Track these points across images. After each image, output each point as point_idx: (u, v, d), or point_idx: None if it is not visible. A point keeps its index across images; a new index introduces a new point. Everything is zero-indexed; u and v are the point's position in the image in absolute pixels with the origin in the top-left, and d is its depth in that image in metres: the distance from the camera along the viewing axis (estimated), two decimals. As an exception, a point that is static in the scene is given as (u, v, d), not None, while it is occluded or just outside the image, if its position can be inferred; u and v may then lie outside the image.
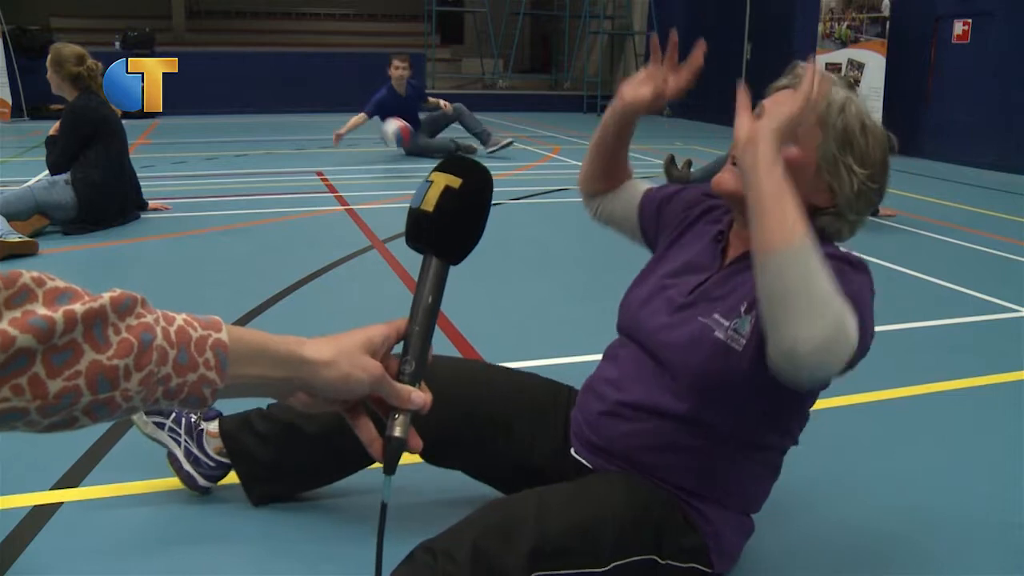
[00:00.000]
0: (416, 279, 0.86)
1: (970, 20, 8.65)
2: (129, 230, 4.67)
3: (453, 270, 0.86)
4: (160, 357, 0.67)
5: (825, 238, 1.36)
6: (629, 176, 1.73)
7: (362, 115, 7.60)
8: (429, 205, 0.84)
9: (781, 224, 1.17)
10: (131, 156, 5.03)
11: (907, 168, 8.16)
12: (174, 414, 1.85)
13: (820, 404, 2.47)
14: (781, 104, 1.25)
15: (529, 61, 18.58)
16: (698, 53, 1.43)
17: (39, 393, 0.61)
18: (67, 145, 4.51)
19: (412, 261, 3.68)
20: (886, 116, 8.90)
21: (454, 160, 0.88)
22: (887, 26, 9.05)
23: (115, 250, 4.30)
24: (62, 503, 1.84)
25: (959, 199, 6.43)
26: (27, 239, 4.04)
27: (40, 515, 1.78)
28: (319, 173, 6.89)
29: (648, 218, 1.66)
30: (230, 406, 1.74)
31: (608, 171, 1.69)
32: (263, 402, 1.81)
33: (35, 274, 0.63)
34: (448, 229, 0.85)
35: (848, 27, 9.57)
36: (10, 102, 11.42)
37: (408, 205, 0.86)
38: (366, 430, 0.83)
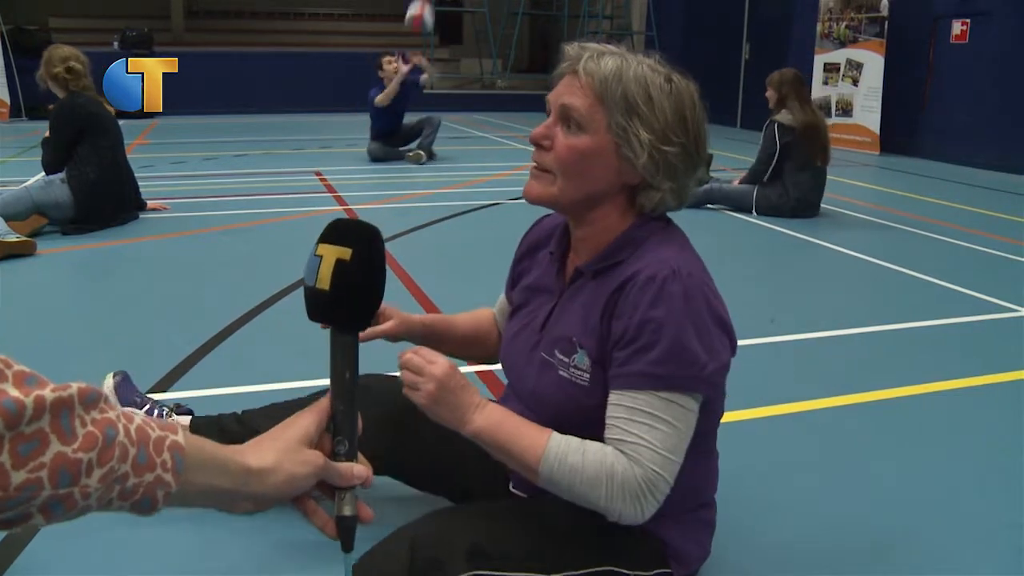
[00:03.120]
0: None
1: (968, 20, 8.66)
2: (128, 230, 4.67)
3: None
4: (121, 454, 0.65)
5: (653, 217, 1.30)
6: (489, 319, 1.66)
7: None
8: (324, 283, 0.82)
9: (520, 462, 1.20)
10: (130, 156, 5.03)
11: (906, 168, 8.16)
12: (147, 406, 1.93)
13: (819, 404, 2.49)
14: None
15: (528, 61, 18.57)
16: None
17: (1, 484, 0.58)
18: (57, 143, 4.53)
19: (411, 260, 3.69)
20: (884, 116, 8.93)
21: (338, 228, 0.85)
22: (885, 26, 9.06)
23: (114, 250, 4.29)
24: (61, 503, 1.84)
25: (958, 199, 6.44)
26: (25, 239, 4.04)
27: (39, 515, 1.78)
28: (318, 173, 6.89)
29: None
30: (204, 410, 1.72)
31: (470, 343, 1.65)
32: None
33: (2, 355, 0.60)
34: (347, 304, 0.83)
35: (847, 27, 9.58)
36: (8, 102, 11.44)
37: (304, 281, 0.84)
38: (317, 516, 0.84)
